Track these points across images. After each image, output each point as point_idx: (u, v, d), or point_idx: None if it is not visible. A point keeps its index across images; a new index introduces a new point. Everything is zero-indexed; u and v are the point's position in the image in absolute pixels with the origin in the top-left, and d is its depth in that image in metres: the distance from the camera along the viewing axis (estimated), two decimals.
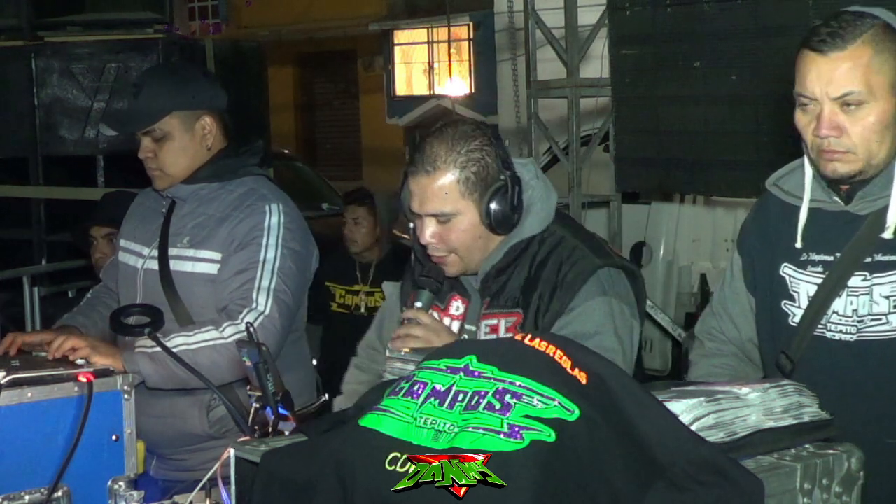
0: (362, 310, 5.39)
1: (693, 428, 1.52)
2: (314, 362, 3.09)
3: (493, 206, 2.32)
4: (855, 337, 2.19)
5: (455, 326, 2.46)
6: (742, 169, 5.34)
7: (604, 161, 6.36)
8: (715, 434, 1.54)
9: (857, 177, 2.16)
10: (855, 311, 2.18)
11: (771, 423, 1.61)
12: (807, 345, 2.23)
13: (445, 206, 2.32)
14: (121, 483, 2.45)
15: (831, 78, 2.09)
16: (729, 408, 1.59)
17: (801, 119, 2.16)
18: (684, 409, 1.54)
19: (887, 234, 2.15)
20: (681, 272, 7.33)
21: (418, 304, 2.43)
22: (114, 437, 2.45)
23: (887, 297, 2.16)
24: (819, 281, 2.22)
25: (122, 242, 3.16)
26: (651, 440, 1.45)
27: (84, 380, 2.37)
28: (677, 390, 1.66)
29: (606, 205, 6.45)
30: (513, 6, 7.09)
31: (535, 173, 2.45)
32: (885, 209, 2.16)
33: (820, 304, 2.22)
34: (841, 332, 2.20)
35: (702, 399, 1.57)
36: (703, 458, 1.46)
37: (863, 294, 2.17)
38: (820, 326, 2.22)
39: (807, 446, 1.63)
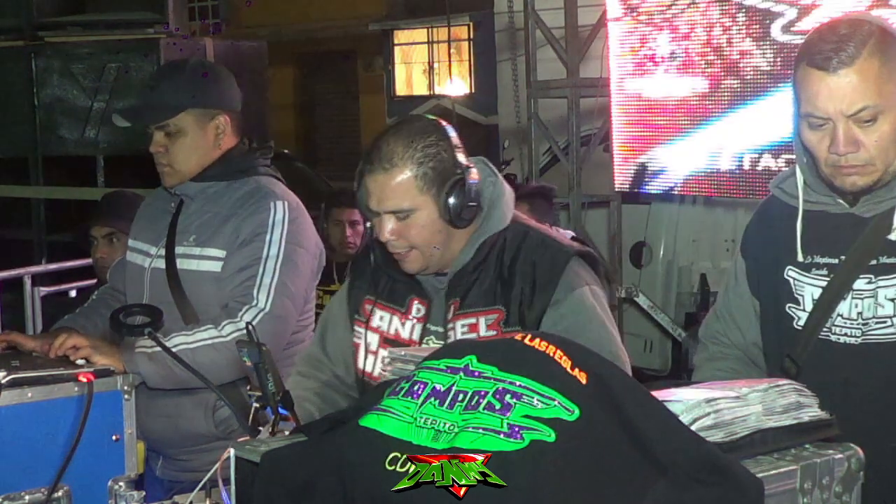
0: None
1: (693, 428, 1.52)
2: None
3: (452, 200, 2.32)
4: (860, 340, 2.17)
5: (418, 328, 2.44)
6: (741, 169, 5.35)
7: (604, 161, 6.36)
8: (715, 434, 1.54)
9: (875, 186, 2.14)
10: (860, 313, 2.16)
11: (771, 423, 1.61)
12: (812, 348, 2.22)
13: (404, 202, 2.31)
14: (121, 483, 2.45)
15: (844, 95, 2.05)
16: (729, 408, 1.58)
17: (812, 137, 2.13)
18: (684, 409, 1.54)
19: (894, 236, 2.14)
20: (681, 272, 7.33)
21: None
22: (114, 437, 2.45)
23: (892, 300, 2.14)
24: (824, 284, 2.20)
25: (131, 242, 3.17)
26: (651, 440, 1.45)
27: (84, 380, 2.37)
28: (677, 390, 1.66)
29: (606, 205, 6.45)
30: (513, 6, 7.10)
31: (491, 170, 2.46)
32: (890, 211, 2.15)
33: (825, 307, 2.20)
34: (846, 335, 2.18)
35: (702, 399, 1.57)
36: (703, 458, 1.46)
37: (868, 297, 2.16)
38: (825, 330, 2.20)
39: (807, 446, 1.63)
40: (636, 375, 1.68)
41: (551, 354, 1.52)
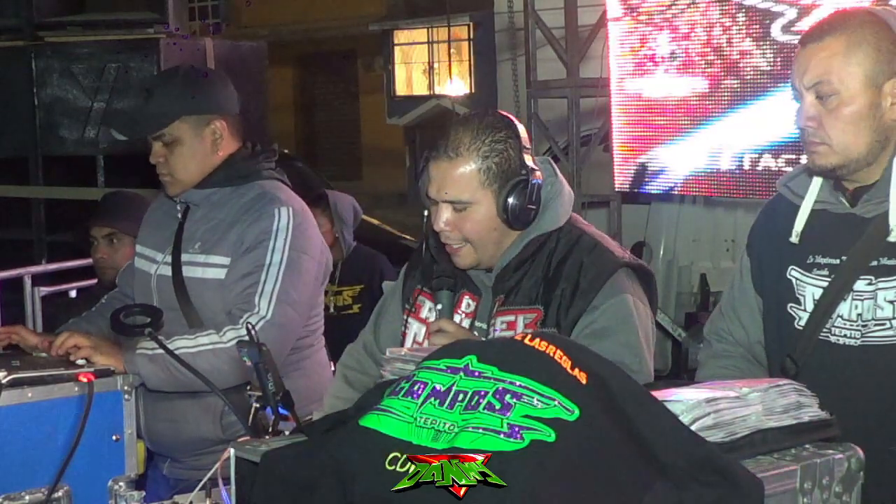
0: (331, 309, 5.36)
1: (693, 428, 1.52)
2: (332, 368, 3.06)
3: (512, 200, 2.30)
4: (859, 342, 2.16)
5: (465, 324, 2.43)
6: (741, 169, 5.35)
7: (604, 161, 6.36)
8: (715, 434, 1.54)
9: (839, 171, 2.16)
10: (860, 315, 2.16)
11: (771, 423, 1.61)
12: (811, 349, 2.22)
13: (464, 193, 2.30)
14: (121, 483, 2.45)
15: (806, 67, 2.13)
16: (729, 408, 1.59)
17: (795, 114, 2.19)
18: (684, 409, 1.54)
19: (893, 237, 2.14)
20: (681, 272, 7.32)
21: (439, 307, 2.41)
22: (114, 438, 2.46)
23: (891, 302, 2.13)
24: (825, 284, 2.20)
25: (138, 248, 3.16)
26: (651, 440, 1.45)
27: (84, 380, 2.37)
28: (677, 390, 1.66)
29: (606, 205, 6.45)
30: (513, 6, 7.09)
31: (553, 170, 2.45)
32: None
33: (825, 307, 2.20)
34: (845, 336, 2.18)
35: (702, 399, 1.57)
36: (703, 458, 1.46)
37: (867, 298, 2.15)
38: (824, 330, 2.20)
39: (807, 446, 1.63)
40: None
41: (551, 354, 1.52)
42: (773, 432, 1.60)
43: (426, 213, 2.41)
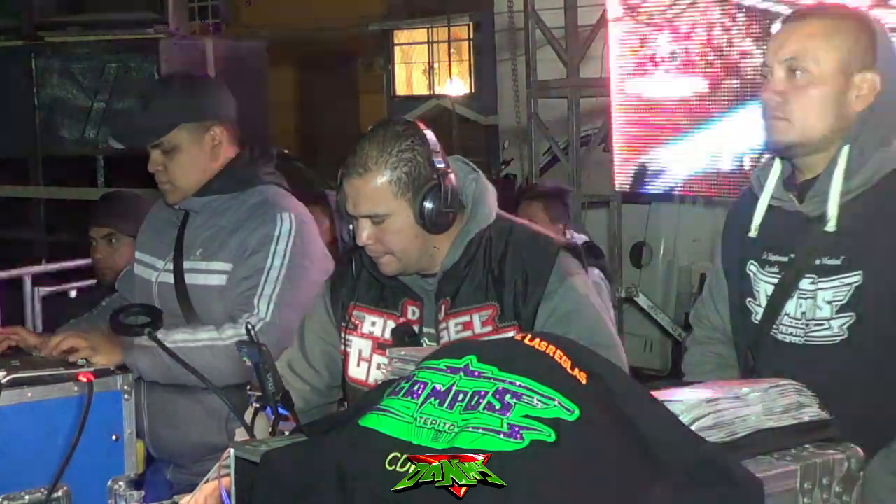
0: None
1: (693, 428, 1.52)
2: None
3: (427, 204, 2.30)
4: (803, 340, 2.20)
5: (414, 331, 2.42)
6: (741, 170, 5.35)
7: (604, 161, 6.37)
8: (715, 434, 1.54)
9: (794, 150, 2.19)
10: (804, 313, 2.19)
11: (771, 423, 1.61)
12: (763, 345, 2.26)
13: (379, 207, 2.30)
14: (120, 483, 2.45)
15: (783, 43, 2.17)
16: (728, 408, 1.59)
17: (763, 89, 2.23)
18: (684, 409, 1.54)
19: (829, 228, 2.16)
20: (681, 272, 7.33)
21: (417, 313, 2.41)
22: (114, 437, 2.46)
23: (830, 303, 2.16)
24: (775, 281, 2.24)
25: (138, 255, 3.15)
26: (651, 440, 1.45)
27: (84, 380, 2.37)
28: (677, 390, 1.66)
29: (606, 205, 6.45)
30: (513, 6, 7.10)
31: (471, 168, 2.46)
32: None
33: (775, 305, 2.24)
34: (791, 334, 2.22)
35: (702, 399, 1.57)
36: (703, 458, 1.46)
37: (810, 297, 2.19)
38: (774, 328, 2.24)
39: (807, 446, 1.63)
40: (636, 375, 1.68)
41: (551, 354, 1.51)
42: (773, 432, 1.60)
43: (350, 227, 2.40)
